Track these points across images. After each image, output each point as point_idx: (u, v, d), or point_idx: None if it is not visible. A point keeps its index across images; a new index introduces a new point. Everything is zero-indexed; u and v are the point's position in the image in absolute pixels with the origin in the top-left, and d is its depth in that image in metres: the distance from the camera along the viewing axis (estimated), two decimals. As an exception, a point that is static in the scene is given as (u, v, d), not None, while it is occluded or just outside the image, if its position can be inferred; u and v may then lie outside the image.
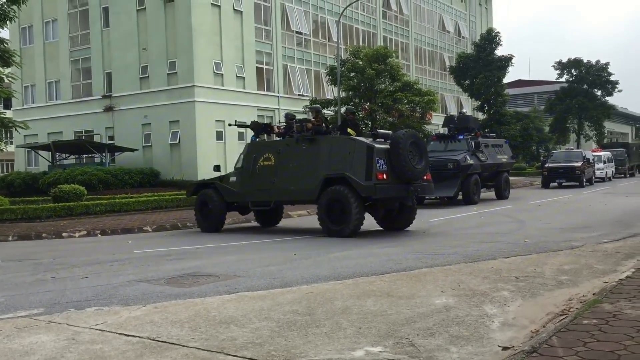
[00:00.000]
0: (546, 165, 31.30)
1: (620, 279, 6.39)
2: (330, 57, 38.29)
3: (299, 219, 17.47)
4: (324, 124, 14.01)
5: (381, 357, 4.26)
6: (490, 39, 44.35)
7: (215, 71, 31.00)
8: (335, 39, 37.24)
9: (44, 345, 4.78)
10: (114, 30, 32.93)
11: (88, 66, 34.65)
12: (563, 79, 55.01)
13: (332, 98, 32.63)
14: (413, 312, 5.50)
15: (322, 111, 18.33)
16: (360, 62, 30.58)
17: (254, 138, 14.82)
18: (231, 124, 16.16)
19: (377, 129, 14.42)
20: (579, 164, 30.12)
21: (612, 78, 53.31)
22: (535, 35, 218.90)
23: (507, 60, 43.92)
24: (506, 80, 46.78)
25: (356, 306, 5.80)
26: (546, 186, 30.48)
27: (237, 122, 15.67)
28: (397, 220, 13.25)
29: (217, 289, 6.93)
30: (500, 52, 44.68)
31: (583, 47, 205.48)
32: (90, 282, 7.71)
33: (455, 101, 53.83)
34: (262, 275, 7.83)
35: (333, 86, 33.43)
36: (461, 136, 22.28)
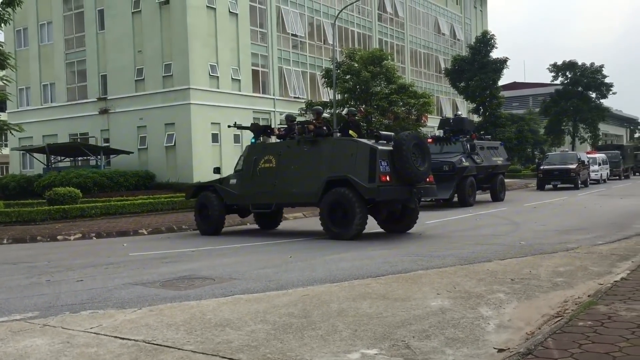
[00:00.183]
0: (541, 168, 31.29)
1: (615, 281, 6.41)
2: (325, 59, 38.35)
3: (294, 221, 17.46)
4: (325, 126, 13.94)
5: (377, 360, 4.26)
6: (485, 41, 44.53)
7: (211, 74, 30.98)
8: (330, 41, 37.25)
9: (38, 348, 4.76)
10: (109, 33, 32.89)
11: (83, 69, 34.59)
12: (558, 82, 55.20)
13: (328, 100, 32.68)
14: (409, 315, 5.50)
15: (323, 113, 18.25)
16: (356, 65, 30.65)
17: (253, 140, 14.76)
18: (231, 125, 16.02)
19: (378, 131, 14.34)
20: (574, 166, 30.19)
21: (606, 80, 53.55)
22: (530, 37, 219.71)
23: (502, 63, 44.12)
24: (501, 82, 47.02)
25: (352, 309, 5.79)
26: (541, 188, 30.52)
27: (236, 124, 15.58)
28: (399, 223, 13.17)
29: (213, 292, 6.92)
30: (495, 54, 44.96)
31: (578, 50, 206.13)
32: (85, 285, 7.68)
33: (451, 103, 53.91)
34: (258, 277, 7.82)
35: (329, 89, 33.49)
36: (457, 138, 22.32)
